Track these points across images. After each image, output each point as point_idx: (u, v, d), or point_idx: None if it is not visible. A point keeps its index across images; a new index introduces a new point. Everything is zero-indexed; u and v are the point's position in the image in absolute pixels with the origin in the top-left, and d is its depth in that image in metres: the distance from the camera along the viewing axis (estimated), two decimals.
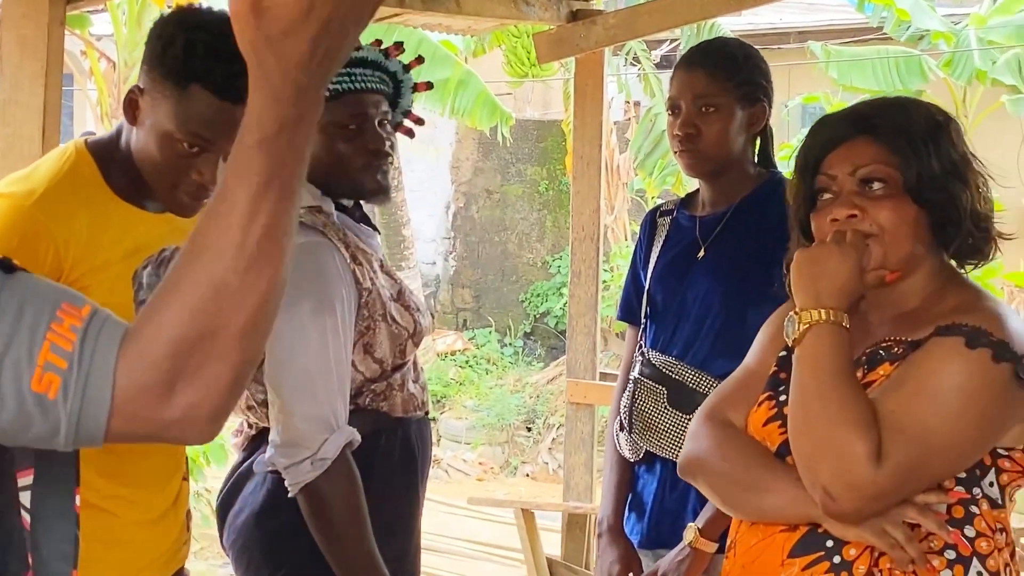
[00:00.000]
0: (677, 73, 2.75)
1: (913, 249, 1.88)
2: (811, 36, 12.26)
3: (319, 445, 2.44)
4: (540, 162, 14.83)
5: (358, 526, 2.47)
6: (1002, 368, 1.77)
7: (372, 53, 2.63)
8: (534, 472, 11.40)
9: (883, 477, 1.75)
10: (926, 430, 1.76)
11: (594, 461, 5.28)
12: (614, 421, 2.86)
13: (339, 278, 2.50)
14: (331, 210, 2.59)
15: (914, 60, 10.87)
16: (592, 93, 5.15)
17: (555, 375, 12.22)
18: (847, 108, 2.02)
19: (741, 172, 2.71)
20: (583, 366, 5.20)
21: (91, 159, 2.30)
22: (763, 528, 1.92)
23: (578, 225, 5.19)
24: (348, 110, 2.57)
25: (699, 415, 2.08)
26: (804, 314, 1.87)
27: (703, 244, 2.74)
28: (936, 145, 1.89)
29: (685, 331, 2.72)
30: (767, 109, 2.74)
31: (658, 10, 4.97)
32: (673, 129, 2.73)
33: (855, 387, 1.82)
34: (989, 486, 1.84)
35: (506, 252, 14.98)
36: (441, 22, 4.82)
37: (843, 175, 1.91)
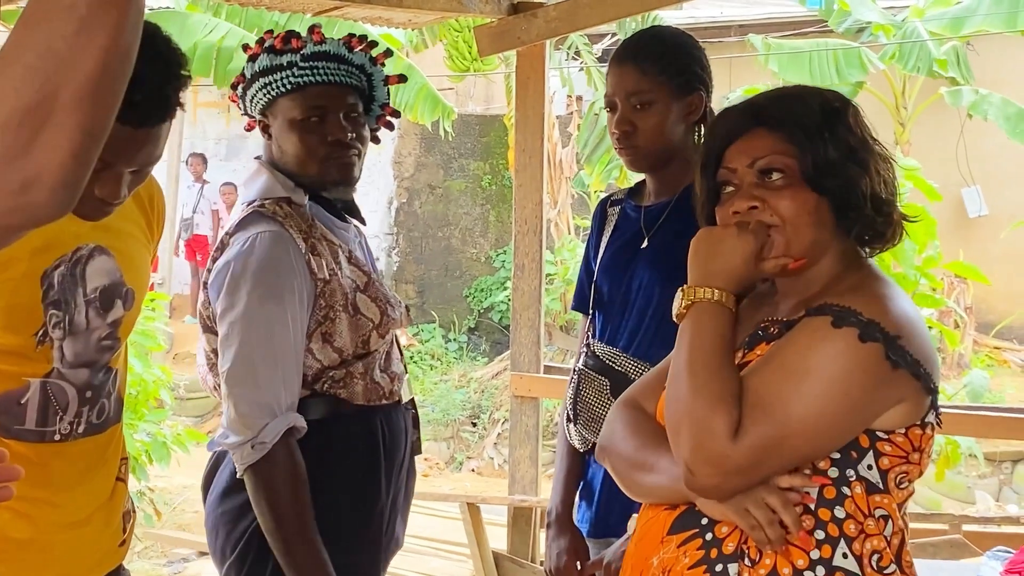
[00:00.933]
0: (610, 70, 2.74)
1: (816, 236, 1.88)
2: (752, 29, 12.35)
3: (259, 429, 2.52)
4: (483, 157, 14.84)
5: (298, 511, 2.53)
6: (870, 348, 1.76)
7: (335, 46, 2.68)
8: (479, 467, 11.41)
9: (739, 452, 1.75)
10: (786, 408, 1.76)
11: (539, 454, 5.29)
12: (564, 412, 2.86)
13: (291, 268, 2.56)
14: (302, 201, 2.65)
15: (853, 52, 10.98)
16: (534, 86, 5.15)
17: (500, 370, 12.23)
18: (744, 101, 2.02)
19: (683, 162, 2.69)
20: (527, 359, 5.21)
21: None
22: (654, 507, 1.95)
23: (521, 219, 5.19)
24: (308, 102, 2.64)
25: (615, 403, 2.11)
26: (689, 291, 1.89)
27: (647, 234, 2.74)
28: (832, 132, 1.89)
29: (629, 322, 2.72)
30: (704, 97, 2.72)
31: (599, 3, 4.97)
32: (611, 126, 2.73)
33: (725, 365, 1.82)
34: (867, 468, 1.82)
35: (449, 247, 14.97)
36: (381, 15, 4.80)
37: (742, 167, 1.92)
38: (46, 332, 2.32)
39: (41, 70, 1.14)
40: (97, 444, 2.43)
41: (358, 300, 2.66)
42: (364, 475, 2.69)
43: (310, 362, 2.62)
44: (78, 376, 2.36)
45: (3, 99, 1.14)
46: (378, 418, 2.70)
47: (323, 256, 2.62)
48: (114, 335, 2.40)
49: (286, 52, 2.64)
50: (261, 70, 2.66)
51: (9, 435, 2.31)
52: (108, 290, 2.36)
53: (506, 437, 11.02)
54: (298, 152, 2.65)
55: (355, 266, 2.70)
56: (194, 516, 8.73)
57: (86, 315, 2.34)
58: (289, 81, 2.63)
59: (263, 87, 2.67)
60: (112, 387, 2.44)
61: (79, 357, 2.35)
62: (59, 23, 1.13)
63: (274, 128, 2.69)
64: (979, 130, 11.82)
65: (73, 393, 2.36)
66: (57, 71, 1.14)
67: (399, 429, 2.76)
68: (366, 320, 2.67)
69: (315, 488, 2.58)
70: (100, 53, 1.15)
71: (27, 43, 1.14)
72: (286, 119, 2.66)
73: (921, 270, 8.07)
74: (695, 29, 11.62)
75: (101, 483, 2.46)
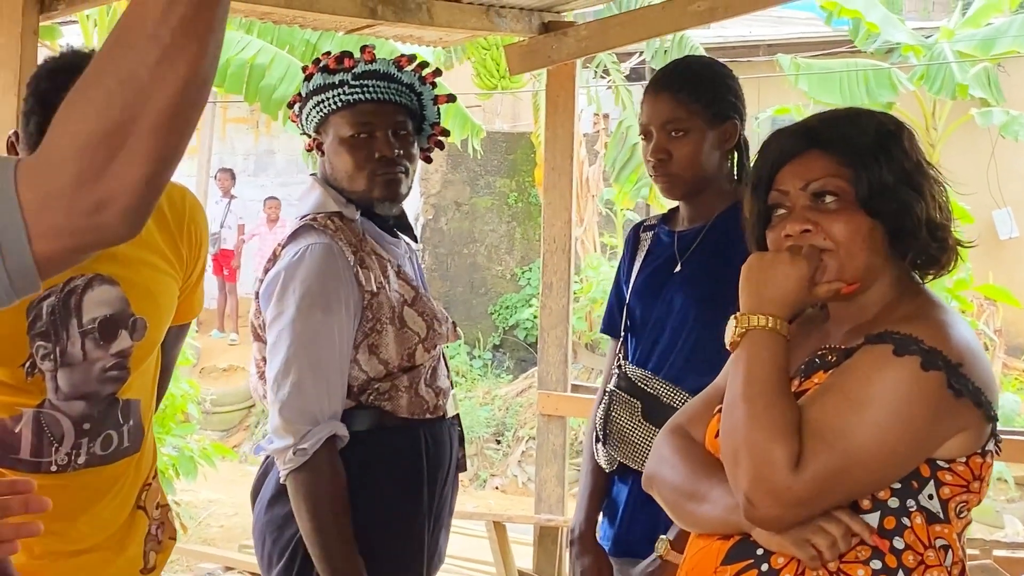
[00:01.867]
0: (645, 98, 2.77)
1: (869, 261, 1.86)
2: (780, 49, 12.33)
3: (301, 436, 2.57)
4: (509, 174, 14.84)
5: (336, 518, 2.57)
6: (932, 377, 1.74)
7: (385, 65, 2.73)
8: (503, 485, 11.38)
9: (801, 484, 1.73)
10: (847, 438, 1.73)
11: (566, 473, 5.27)
12: (592, 432, 2.87)
13: (339, 279, 2.62)
14: (353, 216, 2.71)
15: (883, 73, 10.94)
16: (564, 105, 5.16)
17: (524, 387, 12.21)
18: (797, 122, 2.00)
19: (717, 189, 2.73)
20: (554, 378, 5.20)
21: None
22: (706, 536, 1.92)
23: (549, 237, 5.19)
24: (357, 119, 2.70)
25: (662, 430, 2.08)
26: (743, 318, 1.86)
27: (680, 259, 2.75)
28: (887, 155, 1.88)
29: (661, 346, 2.73)
30: (738, 125, 2.75)
31: (629, 22, 4.99)
32: (646, 154, 2.75)
33: (782, 394, 1.80)
34: (928, 499, 1.79)
35: (475, 264, 14.97)
36: (413, 33, 4.81)
37: (795, 190, 1.90)
38: (34, 363, 2.31)
39: (122, 96, 1.17)
40: (104, 475, 2.42)
41: (405, 314, 2.71)
42: (407, 488, 2.72)
43: (356, 373, 2.67)
44: (73, 408, 2.35)
45: (84, 121, 1.17)
46: (422, 432, 2.74)
47: (371, 269, 2.68)
48: (122, 366, 2.39)
49: (339, 71, 2.70)
50: (315, 88, 2.73)
51: (4, 464, 2.31)
52: (110, 320, 2.35)
53: (530, 455, 10.99)
54: (347, 168, 2.71)
55: (403, 280, 2.75)
56: (219, 530, 8.75)
57: (82, 346, 2.33)
58: (340, 99, 2.70)
59: (316, 105, 2.73)
60: (124, 418, 2.42)
61: (77, 389, 2.34)
62: (142, 51, 1.16)
63: (326, 145, 2.75)
64: (1010, 151, 11.75)
65: (68, 425, 2.35)
66: (138, 98, 1.17)
67: (443, 443, 2.80)
68: (412, 334, 2.71)
69: (358, 499, 2.62)
70: (180, 83, 1.18)
71: (110, 69, 1.17)
72: (336, 136, 2.72)
73: (952, 292, 8.04)
74: (723, 49, 11.64)
75: (111, 513, 2.45)
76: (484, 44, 11.81)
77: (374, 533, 2.64)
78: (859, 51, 11.40)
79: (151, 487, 2.54)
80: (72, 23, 10.31)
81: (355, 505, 2.62)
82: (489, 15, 4.74)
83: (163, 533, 2.58)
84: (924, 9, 16.81)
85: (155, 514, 2.55)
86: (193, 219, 2.52)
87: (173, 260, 2.47)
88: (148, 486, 2.53)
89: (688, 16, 4.67)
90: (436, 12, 4.55)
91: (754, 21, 12.76)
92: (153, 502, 2.54)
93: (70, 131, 1.18)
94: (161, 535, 2.57)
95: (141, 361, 2.43)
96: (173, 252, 2.47)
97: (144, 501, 2.51)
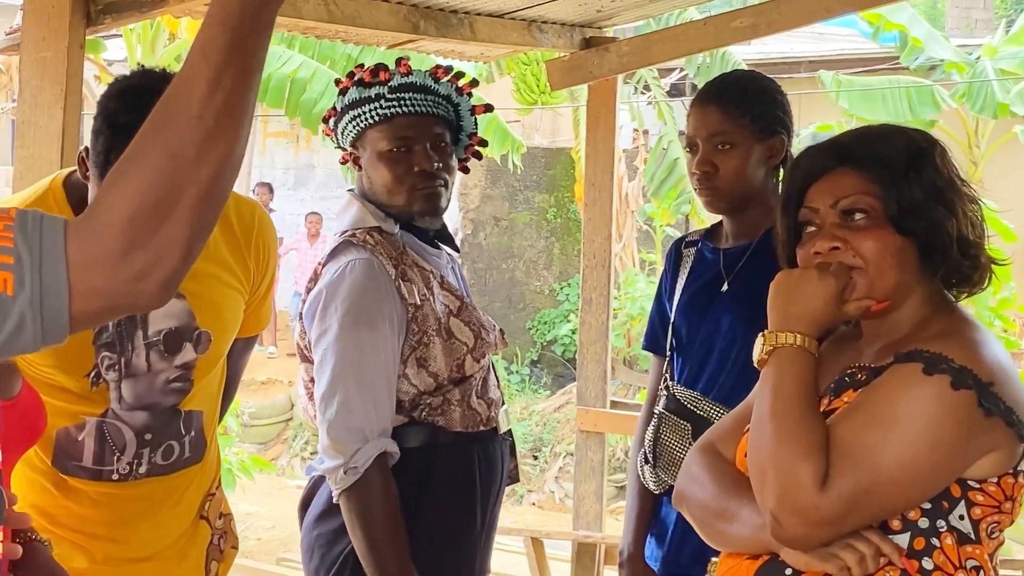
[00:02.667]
0: (692, 111, 2.74)
1: (899, 278, 1.85)
2: (822, 65, 12.28)
3: (351, 454, 2.56)
4: (548, 189, 14.84)
5: (390, 535, 2.57)
6: (962, 396, 1.72)
7: (421, 78, 2.71)
8: (540, 500, 11.36)
9: (828, 503, 1.71)
10: (875, 457, 1.72)
11: (604, 490, 5.25)
12: (638, 453, 2.84)
13: (381, 294, 2.61)
14: (393, 230, 2.70)
15: (926, 90, 10.88)
16: (605, 120, 5.15)
17: (562, 403, 12.20)
18: (828, 140, 1.99)
19: (763, 205, 2.68)
20: (593, 394, 5.18)
21: (63, 193, 2.34)
22: (735, 555, 1.90)
23: (589, 252, 5.18)
24: (395, 133, 2.67)
25: (693, 447, 2.07)
26: (771, 336, 1.86)
27: (726, 277, 2.72)
28: (918, 172, 1.86)
29: (710, 366, 2.70)
30: (786, 141, 2.72)
31: (671, 38, 4.98)
32: (691, 167, 2.73)
33: (810, 412, 1.79)
34: (959, 519, 1.78)
35: (513, 279, 14.98)
36: (455, 48, 4.82)
37: (825, 207, 1.89)
38: (99, 373, 2.34)
39: (171, 171, 1.26)
40: (165, 485, 2.45)
41: (451, 324, 2.70)
42: (461, 504, 2.71)
43: (406, 387, 2.65)
44: (135, 418, 2.38)
45: (135, 194, 1.26)
46: (475, 447, 2.73)
47: (414, 282, 2.66)
48: (185, 378, 2.41)
49: (374, 85, 2.68)
50: (350, 103, 2.70)
51: (67, 472, 2.34)
52: (174, 333, 2.38)
53: (567, 471, 10.97)
54: (386, 182, 2.69)
55: (447, 291, 2.74)
56: (257, 543, 8.78)
57: (147, 358, 2.36)
58: (377, 113, 2.68)
59: (352, 119, 2.71)
60: (186, 429, 2.44)
61: (140, 399, 2.37)
62: (188, 130, 1.27)
63: (363, 159, 2.73)
64: None
65: (130, 434, 2.38)
66: (185, 174, 1.27)
67: (496, 459, 2.78)
68: (460, 344, 2.70)
69: (413, 515, 2.62)
70: (220, 161, 1.29)
71: (159, 143, 1.27)
72: (374, 150, 2.70)
73: (996, 312, 7.98)
74: (765, 65, 11.60)
75: (172, 521, 2.48)
76: (524, 59, 11.84)
77: (428, 551, 2.64)
78: (901, 68, 11.35)
79: (214, 497, 2.56)
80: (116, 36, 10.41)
81: (410, 522, 2.61)
82: (531, 30, 4.74)
83: (225, 543, 2.60)
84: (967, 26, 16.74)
85: (218, 524, 2.57)
86: (261, 234, 2.52)
87: (239, 274, 2.48)
88: (211, 496, 2.55)
89: (730, 32, 4.66)
90: (478, 27, 4.56)
91: (795, 38, 12.72)
92: (216, 512, 2.56)
93: (120, 199, 1.26)
94: (223, 545, 2.59)
95: (205, 373, 2.45)
96: (240, 266, 2.48)
97: (207, 511, 2.53)
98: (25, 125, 3.16)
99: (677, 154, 11.33)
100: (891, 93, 10.96)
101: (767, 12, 4.51)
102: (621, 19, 5.02)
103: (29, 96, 3.17)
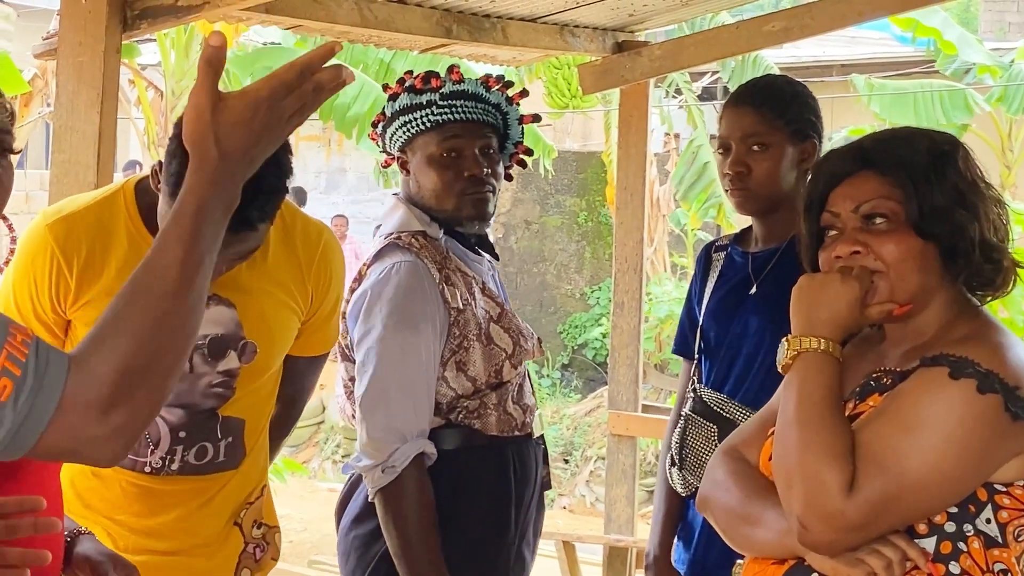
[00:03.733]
0: (726, 112, 2.75)
1: (921, 282, 1.85)
2: (854, 69, 12.23)
3: (389, 454, 2.58)
4: (579, 193, 14.85)
5: (424, 535, 2.59)
6: (989, 400, 1.72)
7: (473, 85, 2.75)
8: (571, 504, 11.35)
9: (854, 508, 1.71)
10: (902, 462, 1.72)
11: (635, 494, 5.25)
12: (666, 455, 2.85)
13: (425, 297, 2.64)
14: (437, 235, 2.73)
15: (959, 93, 10.82)
16: (637, 124, 5.15)
17: (593, 407, 12.18)
18: (850, 143, 1.99)
19: (793, 209, 2.64)
20: (625, 398, 5.18)
21: (132, 196, 2.39)
22: (761, 560, 1.90)
23: (621, 256, 5.18)
24: (446, 139, 2.71)
25: (716, 452, 2.07)
26: (795, 341, 1.86)
27: (755, 281, 2.73)
28: (940, 176, 1.86)
29: (737, 368, 2.71)
30: (817, 145, 2.73)
31: (703, 42, 4.98)
32: (724, 168, 2.73)
33: (836, 417, 1.78)
34: (985, 523, 1.77)
35: (544, 283, 14.99)
36: (487, 52, 4.83)
37: (846, 212, 1.89)
38: None
39: (156, 336, 1.38)
40: (197, 485, 2.48)
41: (491, 330, 2.73)
42: (494, 507, 2.73)
43: (444, 390, 2.68)
44: (172, 415, 2.41)
45: (124, 354, 1.36)
46: (510, 451, 2.75)
47: (457, 287, 2.69)
48: (227, 384, 2.44)
49: (426, 91, 2.71)
50: (401, 108, 2.73)
51: None
52: (220, 340, 2.41)
53: (598, 475, 10.96)
54: (435, 187, 2.72)
55: (489, 297, 2.77)
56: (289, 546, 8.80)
57: (190, 359, 2.38)
58: (428, 119, 2.71)
59: (403, 125, 2.74)
60: (223, 434, 2.47)
61: (180, 398, 2.39)
62: (166, 305, 1.39)
63: (412, 164, 2.76)
64: None
65: (166, 430, 2.41)
66: (167, 341, 1.40)
67: (530, 463, 2.80)
68: (499, 350, 2.73)
69: (446, 518, 2.64)
70: (189, 335, 1.43)
71: (146, 313, 1.39)
72: (424, 155, 2.73)
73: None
74: (796, 68, 11.57)
75: (202, 521, 2.50)
76: (555, 63, 11.83)
77: (461, 553, 2.66)
78: (933, 72, 11.29)
79: (252, 506, 2.57)
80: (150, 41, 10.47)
81: (444, 525, 2.63)
82: (563, 35, 4.75)
83: (265, 554, 2.61)
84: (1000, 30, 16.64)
85: (255, 533, 2.58)
86: (324, 257, 2.54)
87: (296, 295, 2.51)
88: (249, 504, 2.56)
89: (762, 36, 4.66)
90: (510, 31, 4.57)
91: (827, 41, 12.68)
92: (251, 520, 2.57)
93: (115, 356, 1.36)
94: (261, 555, 2.60)
95: (249, 383, 2.48)
96: (298, 288, 2.51)
97: (242, 518, 2.55)
98: (62, 129, 3.19)
99: (707, 158, 11.31)
100: (923, 97, 10.90)
101: (799, 16, 4.51)
102: (653, 23, 5.02)
103: (66, 100, 3.19)
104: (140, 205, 2.37)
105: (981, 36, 13.26)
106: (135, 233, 2.35)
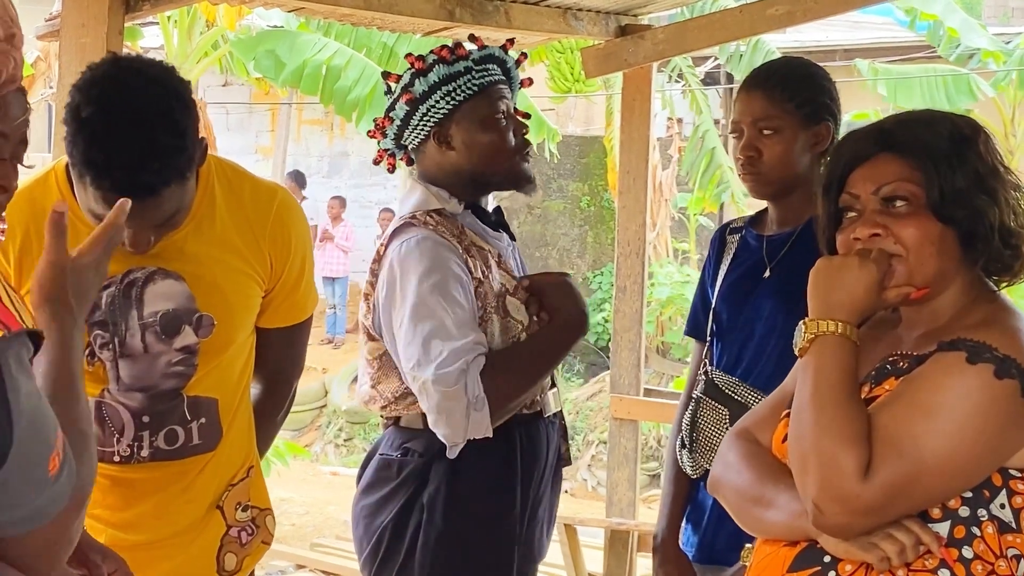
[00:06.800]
0: (739, 96, 2.74)
1: (940, 266, 1.84)
2: (857, 54, 12.21)
3: (456, 361, 2.57)
4: (582, 178, 14.84)
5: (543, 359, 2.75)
6: (1005, 385, 1.72)
7: (497, 50, 2.76)
8: (573, 488, 11.36)
9: (870, 492, 1.71)
10: (918, 446, 1.72)
11: (637, 477, 5.26)
12: (676, 437, 2.84)
13: (450, 262, 2.63)
14: (456, 210, 2.73)
15: (962, 78, 10.80)
16: (640, 108, 5.15)
17: (595, 391, 12.19)
18: (871, 124, 1.97)
19: (808, 192, 2.63)
20: (627, 382, 5.19)
21: (64, 175, 2.33)
22: (772, 542, 1.90)
23: (623, 240, 5.18)
24: (493, 101, 2.71)
25: (728, 433, 2.07)
26: (812, 324, 1.85)
27: (769, 264, 2.72)
28: (961, 160, 1.84)
29: (749, 351, 2.70)
30: (832, 128, 2.70)
31: (706, 26, 4.98)
32: (736, 151, 2.73)
33: (852, 401, 1.78)
34: (1000, 508, 1.77)
35: (547, 268, 14.88)
36: (490, 35, 4.83)
37: (866, 194, 1.88)
38: (93, 351, 2.32)
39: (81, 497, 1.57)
40: (172, 471, 2.41)
41: (508, 303, 2.72)
42: (498, 484, 2.72)
43: None
44: (131, 399, 2.35)
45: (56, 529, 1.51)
46: (517, 430, 2.73)
47: (476, 259, 2.69)
48: (188, 362, 2.36)
49: (458, 60, 2.70)
50: (441, 79, 2.70)
51: None
52: (173, 315, 2.33)
53: (599, 459, 10.97)
54: (496, 147, 2.72)
55: (504, 271, 2.76)
56: (291, 528, 8.82)
57: (142, 339, 2.33)
58: (471, 85, 2.69)
59: (445, 95, 2.70)
60: (192, 415, 2.39)
61: (138, 380, 2.34)
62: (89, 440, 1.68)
63: (457, 135, 2.72)
64: None
65: (127, 416, 2.35)
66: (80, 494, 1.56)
67: (539, 441, 2.79)
68: (516, 323, 2.72)
69: (449, 495, 2.64)
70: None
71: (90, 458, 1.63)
72: (477, 119, 2.70)
73: None
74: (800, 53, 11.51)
75: (180, 508, 2.44)
76: (558, 48, 11.80)
77: (463, 530, 2.66)
78: (937, 56, 11.27)
79: (234, 488, 2.49)
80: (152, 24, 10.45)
81: (447, 503, 2.64)
82: (566, 18, 4.75)
83: (251, 537, 2.53)
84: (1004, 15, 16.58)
85: (240, 516, 2.50)
86: (280, 218, 2.46)
87: (252, 261, 2.42)
88: (232, 487, 2.49)
89: (765, 20, 4.65)
90: (514, 15, 4.57)
91: (830, 26, 12.65)
92: (234, 503, 2.49)
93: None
94: (249, 539, 2.52)
95: (213, 358, 2.40)
96: (253, 253, 2.42)
97: (223, 501, 2.48)
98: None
99: (714, 143, 11.28)
100: (927, 82, 10.89)
101: (803, 0, 4.49)
102: (656, 7, 5.02)
103: (68, 83, 3.18)
104: (72, 184, 2.27)
105: (985, 21, 13.22)
106: (73, 220, 2.30)
